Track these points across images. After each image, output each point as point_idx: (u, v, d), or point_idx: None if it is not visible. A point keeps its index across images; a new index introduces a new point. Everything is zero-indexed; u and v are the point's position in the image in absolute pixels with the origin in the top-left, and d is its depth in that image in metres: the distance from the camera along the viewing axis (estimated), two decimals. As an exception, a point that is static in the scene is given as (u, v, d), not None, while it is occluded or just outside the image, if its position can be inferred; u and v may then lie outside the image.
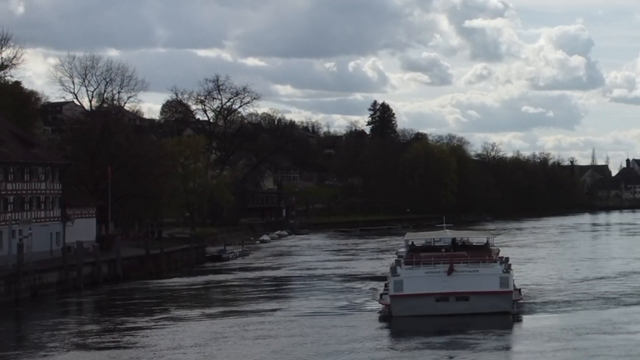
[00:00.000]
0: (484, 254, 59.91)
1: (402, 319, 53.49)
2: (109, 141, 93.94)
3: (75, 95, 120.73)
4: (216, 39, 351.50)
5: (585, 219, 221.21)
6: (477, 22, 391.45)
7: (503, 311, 54.07)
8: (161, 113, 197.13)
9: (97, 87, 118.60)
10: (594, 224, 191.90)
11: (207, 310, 61.81)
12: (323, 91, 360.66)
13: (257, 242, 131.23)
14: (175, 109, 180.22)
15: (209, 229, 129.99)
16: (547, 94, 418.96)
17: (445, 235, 71.25)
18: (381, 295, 57.57)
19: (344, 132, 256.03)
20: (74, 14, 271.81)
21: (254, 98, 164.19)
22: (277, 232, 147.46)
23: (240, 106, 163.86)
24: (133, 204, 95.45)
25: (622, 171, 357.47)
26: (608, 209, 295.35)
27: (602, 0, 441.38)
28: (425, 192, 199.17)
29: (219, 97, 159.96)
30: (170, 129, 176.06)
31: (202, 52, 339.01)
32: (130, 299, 68.83)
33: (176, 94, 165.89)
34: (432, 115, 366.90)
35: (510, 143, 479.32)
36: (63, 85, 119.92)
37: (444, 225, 79.13)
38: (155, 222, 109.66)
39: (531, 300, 62.51)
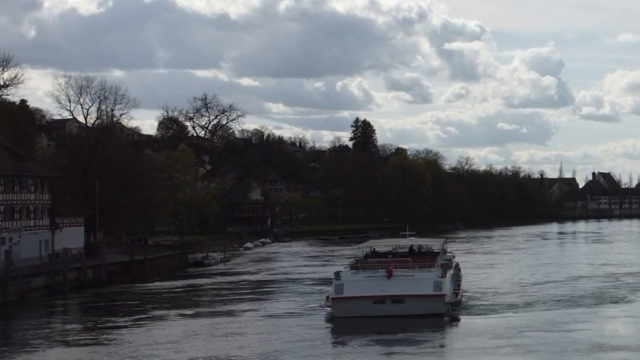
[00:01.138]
0: (424, 260, 60.07)
1: (342, 320, 53.46)
2: (100, 155, 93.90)
3: (72, 112, 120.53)
4: (213, 60, 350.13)
5: (552, 228, 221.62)
6: (456, 45, 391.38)
7: (437, 313, 54.09)
8: (157, 129, 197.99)
9: (92, 104, 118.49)
10: (559, 233, 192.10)
11: (183, 311, 61.66)
12: (312, 109, 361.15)
13: (241, 249, 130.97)
14: (169, 125, 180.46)
15: (197, 237, 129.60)
16: (521, 112, 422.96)
17: (402, 242, 71.86)
18: (327, 297, 57.45)
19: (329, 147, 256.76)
20: (81, 37, 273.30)
21: (240, 115, 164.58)
22: (261, 239, 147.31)
23: (227, 122, 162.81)
24: (122, 213, 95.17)
25: (589, 183, 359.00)
26: (575, 218, 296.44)
27: (572, 24, 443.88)
28: (402, 203, 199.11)
29: (207, 114, 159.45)
30: (166, 143, 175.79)
31: (200, 73, 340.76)
32: (112, 301, 68.59)
33: (167, 112, 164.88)
34: (414, 131, 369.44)
35: (487, 157, 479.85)
36: (60, 103, 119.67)
37: (407, 233, 79.81)
38: (144, 230, 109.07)
39: (481, 302, 62.55)
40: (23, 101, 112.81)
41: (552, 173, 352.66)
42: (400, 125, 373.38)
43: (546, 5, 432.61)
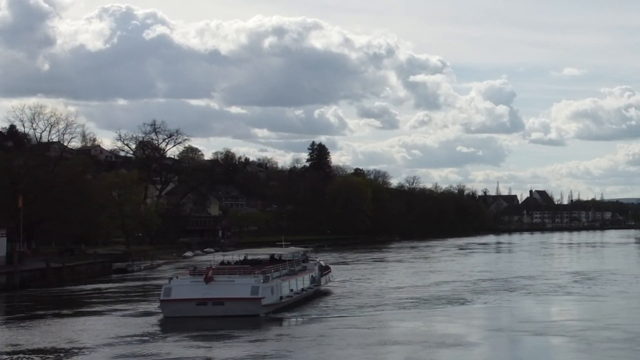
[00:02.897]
0: (253, 269, 60.33)
1: (170, 319, 53.83)
2: (31, 173, 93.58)
3: (26, 136, 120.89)
4: (206, 90, 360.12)
5: (484, 239, 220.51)
6: (420, 77, 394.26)
7: (253, 314, 54.45)
8: (134, 152, 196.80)
9: (44, 130, 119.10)
10: (482, 244, 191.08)
11: (62, 311, 60.75)
12: (294, 134, 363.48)
13: (180, 257, 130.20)
14: (144, 149, 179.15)
15: (143, 247, 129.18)
16: (477, 137, 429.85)
17: (266, 251, 72.21)
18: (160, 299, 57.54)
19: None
20: (90, 70, 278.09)
21: (185, 139, 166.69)
22: (205, 249, 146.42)
23: (175, 145, 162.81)
24: (49, 226, 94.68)
25: (526, 200, 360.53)
26: (510, 231, 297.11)
27: (523, 59, 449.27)
28: (345, 217, 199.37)
29: (156, 137, 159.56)
30: (141, 164, 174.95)
31: (194, 102, 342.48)
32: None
33: (120, 136, 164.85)
34: (382, 154, 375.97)
35: (447, 177, 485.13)
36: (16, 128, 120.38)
37: (283, 243, 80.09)
38: (78, 240, 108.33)
39: (324, 305, 62.57)
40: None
41: (505, 191, 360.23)
42: (371, 148, 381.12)
43: (500, 43, 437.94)
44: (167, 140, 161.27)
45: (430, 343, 44.92)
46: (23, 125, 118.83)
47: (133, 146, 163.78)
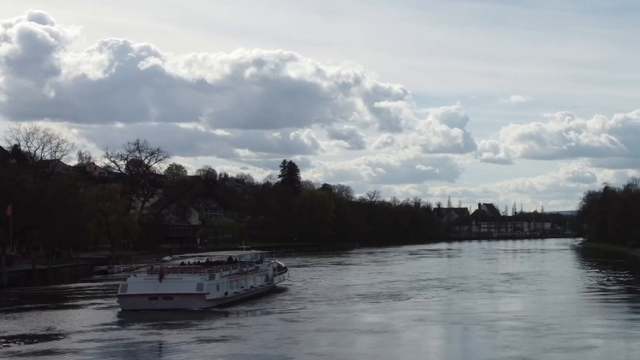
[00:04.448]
0: (202, 268, 61.53)
1: (126, 312, 54.87)
2: (20, 186, 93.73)
3: (29, 154, 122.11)
4: (194, 115, 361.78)
5: (433, 246, 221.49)
6: (383, 104, 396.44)
7: (199, 308, 55.64)
8: (126, 169, 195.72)
9: (37, 148, 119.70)
10: (431, 250, 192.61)
11: (45, 305, 61.06)
12: (272, 153, 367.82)
13: (159, 261, 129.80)
14: (134, 165, 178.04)
15: (126, 252, 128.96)
16: (435, 156, 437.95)
17: (224, 254, 73.82)
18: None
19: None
20: (90, 97, 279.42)
21: (165, 156, 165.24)
22: (183, 254, 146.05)
23: (156, 162, 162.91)
24: (38, 232, 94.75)
25: (475, 212, 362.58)
26: (460, 239, 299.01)
27: (475, 87, 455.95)
28: (310, 227, 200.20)
29: (140, 155, 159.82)
30: (130, 180, 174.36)
31: (183, 125, 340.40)
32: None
33: (107, 154, 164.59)
34: (350, 171, 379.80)
35: (408, 192, 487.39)
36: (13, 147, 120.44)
37: (244, 247, 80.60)
38: (65, 244, 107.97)
39: (274, 300, 63.81)
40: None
41: (460, 204, 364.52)
42: (340, 166, 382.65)
43: (454, 73, 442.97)
44: (149, 158, 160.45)
45: (359, 330, 46.03)
46: (19, 144, 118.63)
47: (120, 163, 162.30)
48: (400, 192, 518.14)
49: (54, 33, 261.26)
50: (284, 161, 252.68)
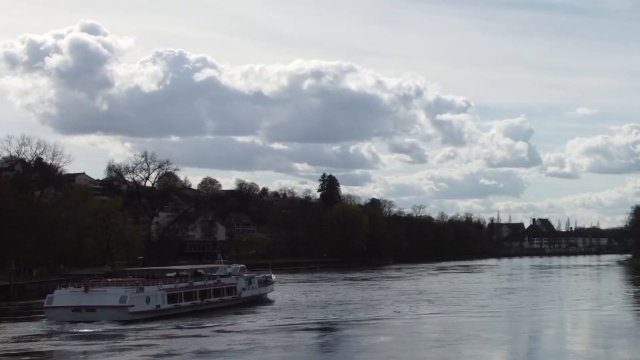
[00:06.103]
0: (129, 280, 61.67)
1: (52, 323, 54.84)
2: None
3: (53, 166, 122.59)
4: (250, 128, 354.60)
5: (472, 262, 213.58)
6: (446, 116, 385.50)
7: (120, 320, 55.35)
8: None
9: (31, 160, 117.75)
10: (463, 266, 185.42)
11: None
12: (331, 168, 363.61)
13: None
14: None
15: (132, 269, 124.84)
16: (499, 170, 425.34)
17: (192, 267, 75.66)
18: None
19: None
20: (144, 110, 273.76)
21: (176, 169, 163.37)
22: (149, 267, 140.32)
23: (165, 173, 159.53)
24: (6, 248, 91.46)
25: (529, 227, 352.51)
26: (511, 255, 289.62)
27: (540, 100, 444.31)
28: (341, 242, 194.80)
29: (147, 167, 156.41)
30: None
31: (240, 138, 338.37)
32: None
33: (112, 168, 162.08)
34: (412, 186, 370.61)
35: (471, 207, 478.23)
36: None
37: (221, 260, 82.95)
38: (59, 261, 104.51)
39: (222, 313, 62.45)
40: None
41: (525, 220, 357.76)
42: (401, 181, 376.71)
43: (518, 85, 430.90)
44: (157, 170, 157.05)
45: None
46: (11, 157, 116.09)
47: (126, 177, 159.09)
48: (463, 207, 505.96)
49: (107, 44, 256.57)
50: (323, 175, 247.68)
